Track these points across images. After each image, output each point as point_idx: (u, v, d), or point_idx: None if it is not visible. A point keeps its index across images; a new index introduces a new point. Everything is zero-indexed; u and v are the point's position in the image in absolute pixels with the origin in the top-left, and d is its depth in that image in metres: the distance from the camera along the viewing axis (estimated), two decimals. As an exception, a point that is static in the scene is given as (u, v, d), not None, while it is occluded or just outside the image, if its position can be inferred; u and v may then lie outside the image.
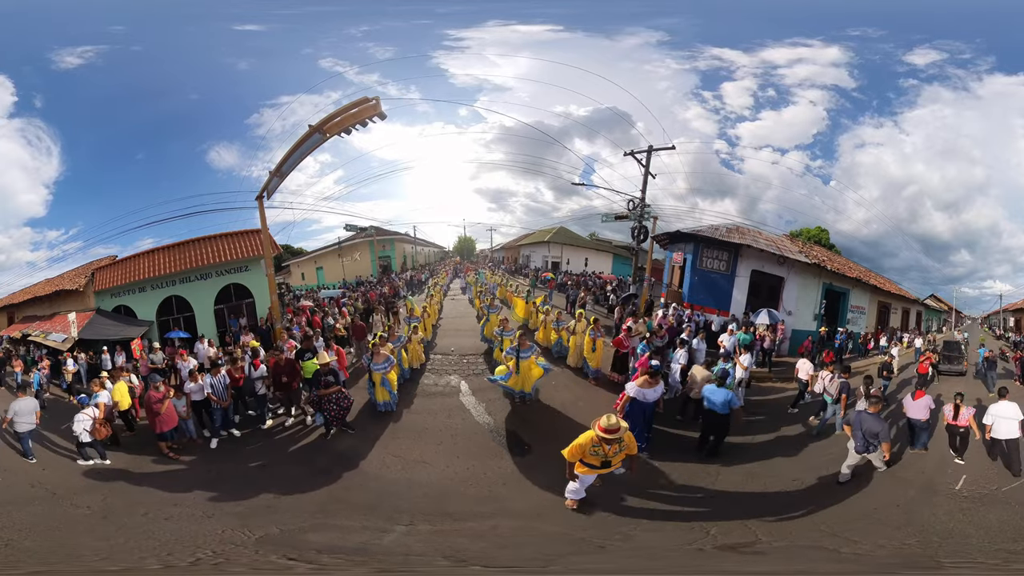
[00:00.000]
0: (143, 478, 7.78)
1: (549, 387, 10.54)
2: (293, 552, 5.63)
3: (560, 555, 5.66)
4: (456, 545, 5.92)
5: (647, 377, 7.67)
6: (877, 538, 6.02)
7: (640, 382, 7.69)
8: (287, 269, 19.89)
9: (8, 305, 15.04)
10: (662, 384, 7.94)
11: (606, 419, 5.83)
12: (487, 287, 18.93)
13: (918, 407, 8.29)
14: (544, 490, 7.05)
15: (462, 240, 24.21)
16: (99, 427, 8.15)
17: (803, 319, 14.54)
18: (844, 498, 7.02)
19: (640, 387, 7.66)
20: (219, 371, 8.99)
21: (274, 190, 12.81)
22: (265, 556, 5.55)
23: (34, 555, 5.72)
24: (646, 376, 7.68)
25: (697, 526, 6.27)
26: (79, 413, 8.13)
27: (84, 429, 8.01)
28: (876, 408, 6.93)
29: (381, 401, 9.49)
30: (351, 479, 7.51)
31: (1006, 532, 6.15)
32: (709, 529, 6.21)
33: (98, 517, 6.63)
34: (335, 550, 5.72)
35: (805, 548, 5.90)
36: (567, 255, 21.84)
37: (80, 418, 8.06)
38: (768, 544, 5.92)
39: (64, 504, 6.98)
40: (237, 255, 14.85)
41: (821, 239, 18.37)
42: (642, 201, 15.67)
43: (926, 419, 8.24)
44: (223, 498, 7.03)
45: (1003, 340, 16.35)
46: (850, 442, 7.15)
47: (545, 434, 8.69)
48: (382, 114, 11.22)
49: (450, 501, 6.92)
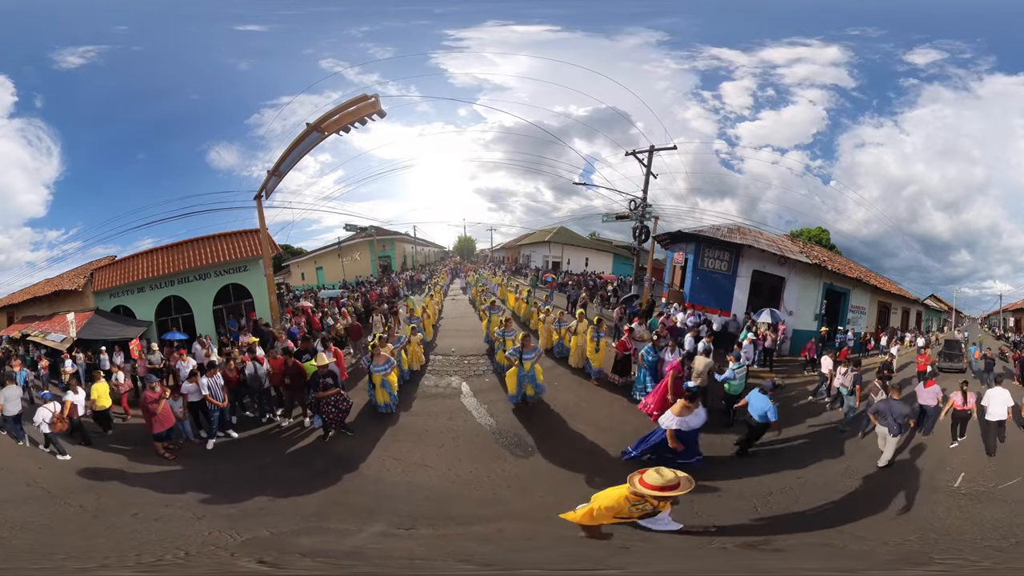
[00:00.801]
0: (138, 478, 7.73)
1: (552, 388, 10.47)
2: (271, 555, 5.44)
3: (590, 557, 5.44)
4: (463, 549, 5.82)
5: (685, 403, 7.03)
6: (881, 535, 6.04)
7: (678, 409, 7.02)
8: (287, 269, 19.83)
9: (8, 305, 15.00)
10: (702, 408, 7.24)
11: (658, 475, 4.82)
12: (487, 287, 18.89)
13: (929, 394, 8.98)
14: (549, 492, 6.98)
15: (462, 240, 24.20)
16: (56, 421, 8.20)
17: (804, 319, 14.51)
18: (847, 496, 7.05)
19: (680, 416, 6.99)
20: (215, 372, 8.94)
21: (272, 189, 12.78)
22: (236, 559, 5.36)
23: (26, 553, 5.65)
24: (683, 402, 7.05)
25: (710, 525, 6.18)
26: (41, 408, 8.21)
27: (43, 420, 8.09)
28: (898, 393, 7.83)
29: (381, 403, 9.43)
30: (350, 482, 7.44)
31: (998, 529, 6.20)
32: (723, 527, 6.11)
33: (89, 516, 6.59)
34: (324, 554, 5.58)
35: (817, 546, 5.88)
36: (567, 255, 21.79)
37: (41, 411, 8.15)
38: (782, 541, 5.90)
39: (58, 503, 6.93)
40: (236, 255, 14.77)
41: (822, 239, 18.34)
42: (643, 200, 15.63)
43: (935, 405, 8.90)
44: (216, 500, 6.97)
45: (1003, 340, 16.34)
46: (879, 429, 7.74)
47: (548, 436, 8.65)
48: (381, 112, 11.19)
49: (453, 504, 6.84)
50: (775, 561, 5.53)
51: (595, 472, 7.44)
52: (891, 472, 7.65)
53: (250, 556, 5.34)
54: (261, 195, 12.93)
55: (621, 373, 10.89)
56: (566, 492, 6.59)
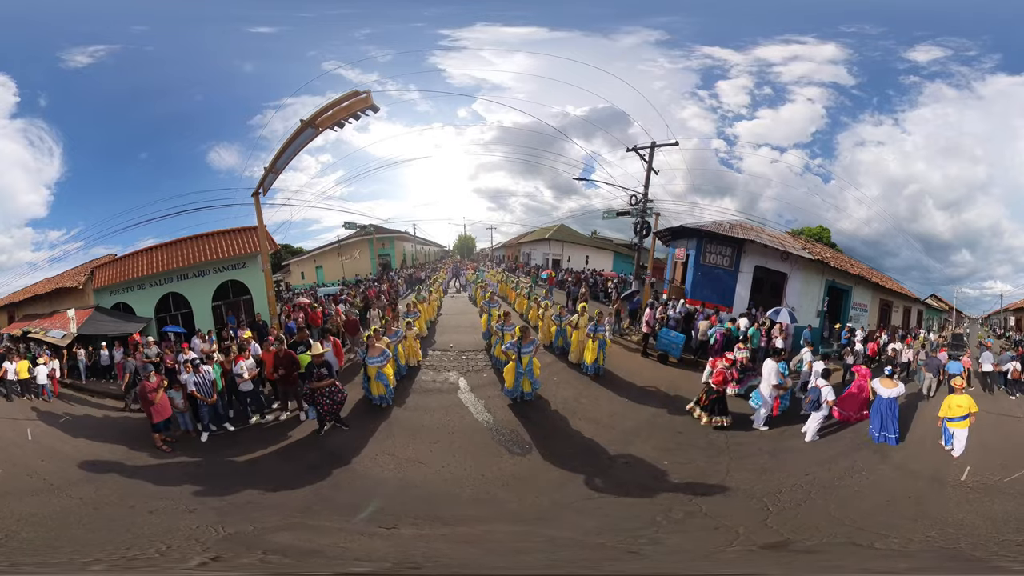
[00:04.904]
0: (136, 471, 7.72)
1: (550, 384, 10.42)
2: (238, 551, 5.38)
3: (591, 561, 5.32)
4: (434, 551, 5.54)
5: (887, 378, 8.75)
6: (898, 532, 5.89)
7: (884, 383, 8.65)
8: (287, 268, 19.82)
9: (8, 304, 15.03)
10: (901, 386, 8.72)
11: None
12: (487, 284, 18.86)
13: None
14: (544, 492, 6.85)
15: (462, 239, 24.19)
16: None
17: (806, 316, 14.40)
18: (855, 490, 6.97)
19: (884, 387, 8.58)
20: (201, 369, 8.88)
21: (270, 186, 12.78)
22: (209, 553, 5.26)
23: (33, 546, 5.65)
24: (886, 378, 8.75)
25: (723, 526, 6.06)
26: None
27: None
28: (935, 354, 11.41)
29: (376, 395, 9.36)
30: (340, 476, 7.35)
31: (1009, 523, 6.08)
32: (737, 529, 5.97)
33: (90, 508, 6.59)
34: (296, 552, 5.45)
35: (840, 545, 5.72)
36: (567, 252, 21.73)
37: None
38: (801, 543, 5.73)
39: (60, 495, 6.94)
40: (234, 252, 14.76)
41: (823, 237, 18.23)
42: (644, 196, 15.56)
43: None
44: (208, 493, 6.93)
45: (1003, 339, 16.26)
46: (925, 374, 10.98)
47: (546, 433, 8.54)
48: (374, 107, 11.17)
49: (442, 503, 6.68)
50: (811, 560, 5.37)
51: (594, 472, 7.34)
52: (897, 466, 7.65)
53: (222, 551, 5.26)
54: (259, 192, 12.94)
55: (718, 412, 8.91)
56: (563, 493, 6.49)
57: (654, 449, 8.10)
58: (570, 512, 6.38)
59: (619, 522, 6.21)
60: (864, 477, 7.37)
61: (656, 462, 7.67)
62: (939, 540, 5.76)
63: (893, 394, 8.50)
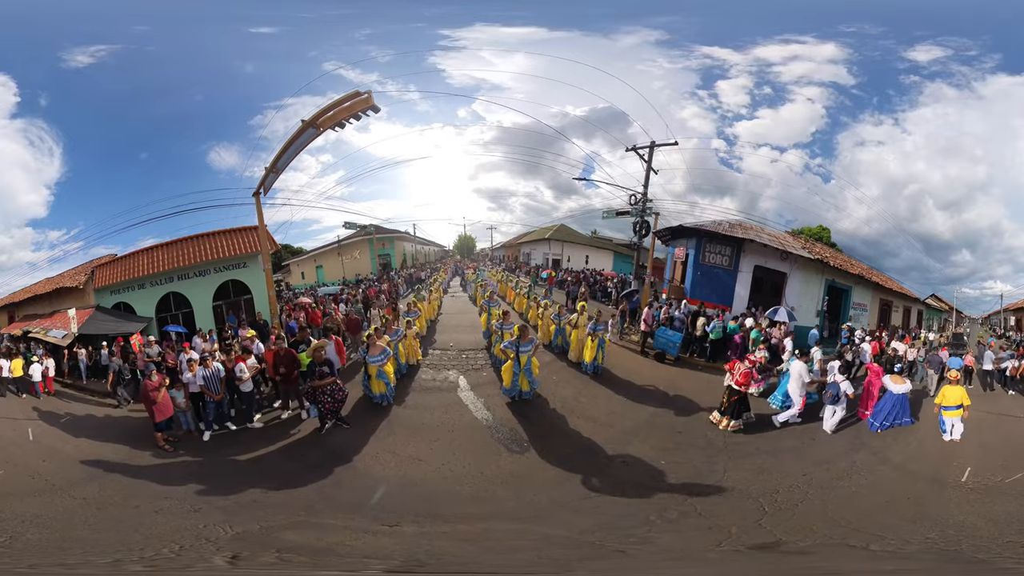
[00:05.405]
0: (139, 470, 7.75)
1: (550, 383, 10.44)
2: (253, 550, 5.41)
3: (573, 560, 5.32)
4: (436, 549, 5.62)
5: (896, 375, 9.30)
6: (895, 533, 5.88)
7: (894, 379, 9.16)
8: (287, 268, 19.85)
9: (8, 304, 15.05)
10: (908, 382, 9.25)
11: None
12: (487, 284, 18.89)
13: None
14: (542, 491, 6.87)
15: (462, 238, 24.21)
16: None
17: (806, 315, 14.42)
18: (853, 491, 6.97)
19: (895, 383, 9.07)
20: (210, 363, 8.91)
21: (270, 186, 12.81)
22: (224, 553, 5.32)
23: (37, 547, 5.68)
24: (895, 375, 9.30)
25: (716, 526, 6.06)
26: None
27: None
28: (936, 353, 11.86)
29: (377, 393, 9.39)
30: (342, 474, 7.39)
31: (1012, 524, 6.06)
32: (730, 528, 5.98)
33: (93, 509, 6.61)
34: (305, 550, 5.50)
35: (833, 546, 5.72)
36: (567, 252, 21.75)
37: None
38: (793, 544, 5.73)
39: (63, 495, 6.96)
40: (235, 252, 14.78)
41: (823, 237, 18.23)
42: (644, 196, 15.57)
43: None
44: (212, 492, 6.96)
45: (1003, 339, 16.28)
46: (929, 370, 11.46)
47: (545, 431, 8.58)
48: (375, 107, 11.18)
49: (442, 501, 6.72)
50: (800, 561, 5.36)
51: (592, 471, 7.37)
52: (897, 466, 7.65)
53: (237, 551, 5.29)
54: (260, 192, 12.96)
55: (734, 414, 8.80)
56: (560, 491, 6.51)
57: (652, 448, 8.12)
58: (566, 511, 6.41)
59: (614, 521, 6.23)
60: (863, 478, 7.35)
61: (654, 462, 7.69)
62: (940, 542, 5.74)
63: (903, 390, 8.98)
